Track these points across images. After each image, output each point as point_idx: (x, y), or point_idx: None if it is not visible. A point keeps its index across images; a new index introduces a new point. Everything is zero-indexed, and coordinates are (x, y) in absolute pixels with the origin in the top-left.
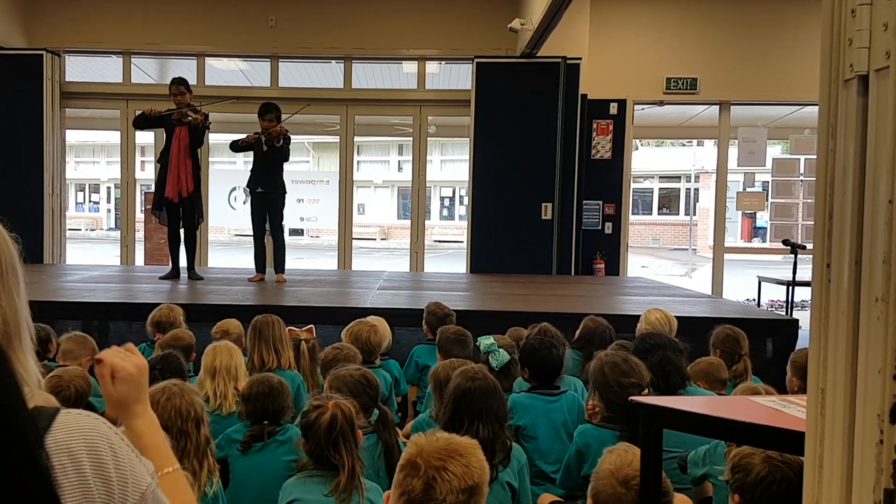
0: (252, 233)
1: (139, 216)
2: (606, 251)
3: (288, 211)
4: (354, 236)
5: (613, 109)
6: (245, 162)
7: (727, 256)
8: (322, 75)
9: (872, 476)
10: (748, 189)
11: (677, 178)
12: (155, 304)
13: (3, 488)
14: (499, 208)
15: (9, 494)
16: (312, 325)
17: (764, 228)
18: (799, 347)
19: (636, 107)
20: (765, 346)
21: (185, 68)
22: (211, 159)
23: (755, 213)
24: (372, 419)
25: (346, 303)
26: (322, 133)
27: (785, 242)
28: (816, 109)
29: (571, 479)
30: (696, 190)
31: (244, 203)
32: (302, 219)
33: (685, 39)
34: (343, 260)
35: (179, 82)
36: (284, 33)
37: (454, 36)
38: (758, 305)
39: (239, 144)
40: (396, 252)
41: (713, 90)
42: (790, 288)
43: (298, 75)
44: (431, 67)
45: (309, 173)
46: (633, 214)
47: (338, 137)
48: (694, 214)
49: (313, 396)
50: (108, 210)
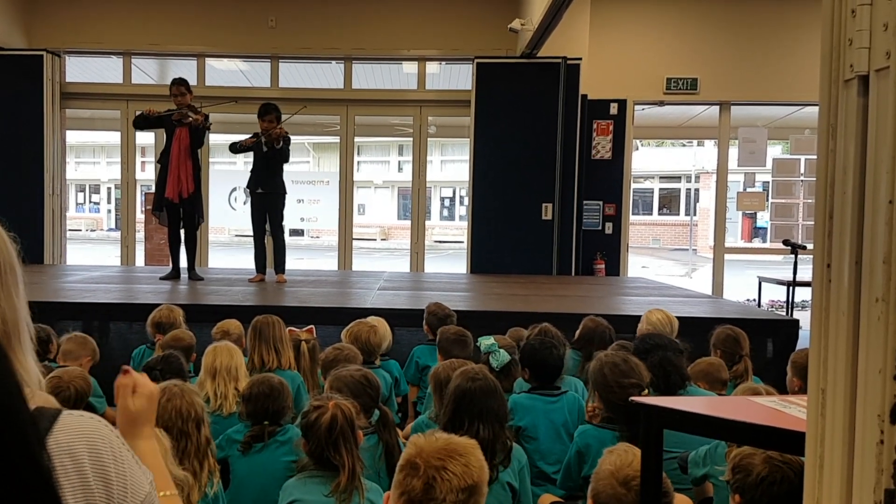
0: (252, 233)
1: (139, 217)
2: (607, 251)
3: (288, 211)
4: (355, 237)
5: (613, 109)
6: (245, 163)
7: (727, 257)
8: (322, 76)
9: (873, 476)
10: (748, 189)
11: (677, 179)
12: (155, 305)
13: (4, 489)
14: (499, 208)
15: (10, 495)
16: (313, 326)
17: (764, 229)
18: (799, 348)
19: (636, 107)
20: (765, 347)
21: (186, 69)
22: (211, 160)
23: (755, 214)
24: (373, 420)
25: (347, 303)
26: (322, 133)
27: (785, 243)
28: (817, 110)
29: (572, 480)
30: (697, 190)
31: (244, 204)
32: (302, 219)
33: (685, 39)
34: (343, 260)
35: (180, 83)
36: (284, 33)
37: (454, 36)
38: (758, 306)
39: (238, 147)
40: (397, 252)
41: (713, 90)
42: (790, 288)
43: (298, 76)
44: (431, 68)
45: (309, 174)
46: (634, 215)
47: (338, 138)
48: (694, 215)
49: (313, 397)
50: (109, 211)
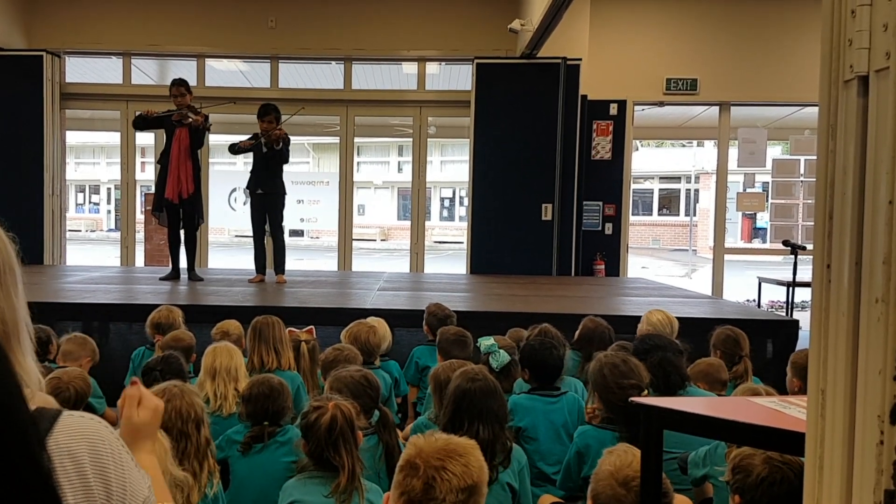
0: (252, 234)
1: (139, 217)
2: (606, 252)
3: (288, 212)
4: (354, 237)
5: (613, 110)
6: (245, 163)
7: (727, 257)
8: (322, 76)
9: (873, 477)
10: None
11: (677, 179)
12: (155, 306)
13: (4, 489)
14: (499, 209)
15: (10, 495)
16: (312, 326)
17: (764, 229)
18: (799, 348)
19: (636, 107)
20: (765, 347)
21: (185, 69)
22: (211, 160)
23: (755, 214)
24: (373, 420)
25: (347, 304)
26: (322, 134)
27: (785, 243)
28: (816, 110)
29: (572, 481)
30: (697, 191)
31: (244, 204)
32: (302, 220)
33: (685, 40)
34: (343, 261)
35: (180, 83)
36: (284, 34)
37: (454, 36)
38: (758, 306)
39: (237, 148)
40: (396, 253)
41: (713, 91)
42: (790, 289)
43: (298, 76)
44: (431, 68)
45: (309, 174)
46: (634, 215)
47: (338, 138)
48: (694, 215)
49: (313, 398)
50: (109, 211)
